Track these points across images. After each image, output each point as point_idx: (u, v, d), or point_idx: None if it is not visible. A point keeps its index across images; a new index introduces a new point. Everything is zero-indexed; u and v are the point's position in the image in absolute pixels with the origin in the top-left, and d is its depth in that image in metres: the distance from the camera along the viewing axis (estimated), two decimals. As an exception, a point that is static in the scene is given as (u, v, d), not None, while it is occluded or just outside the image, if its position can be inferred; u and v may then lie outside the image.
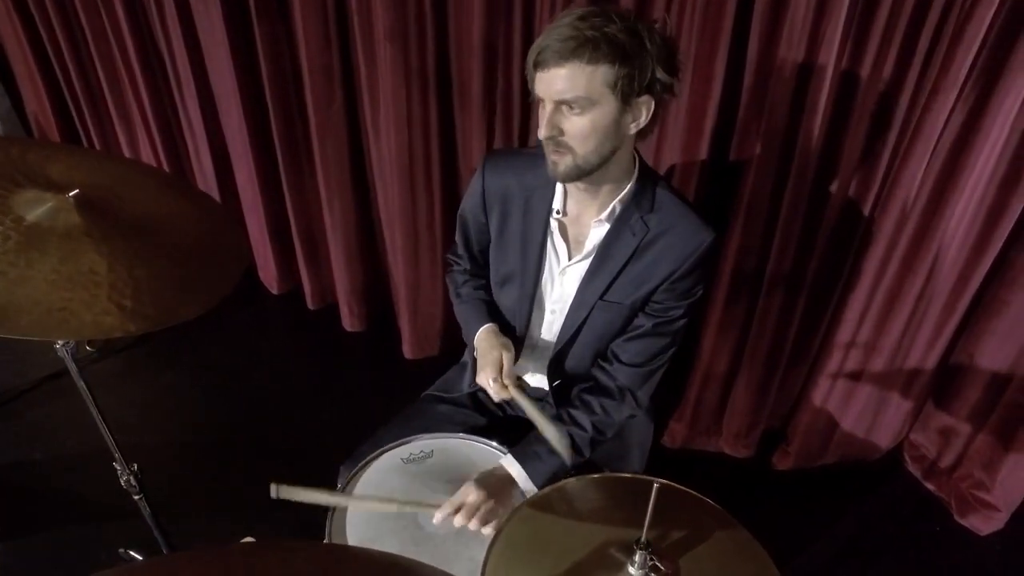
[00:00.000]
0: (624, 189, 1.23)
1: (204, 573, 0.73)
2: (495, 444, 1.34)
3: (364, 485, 1.26)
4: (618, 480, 1.07)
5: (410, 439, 1.34)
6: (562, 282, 1.33)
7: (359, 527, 1.18)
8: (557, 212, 1.27)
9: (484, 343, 1.34)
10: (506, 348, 1.30)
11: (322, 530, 1.18)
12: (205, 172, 2.60)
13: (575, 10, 1.07)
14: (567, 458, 1.22)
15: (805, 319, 1.91)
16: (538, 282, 1.33)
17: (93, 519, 1.92)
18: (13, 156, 1.12)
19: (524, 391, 1.30)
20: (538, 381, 1.49)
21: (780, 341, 1.94)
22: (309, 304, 2.69)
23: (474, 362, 1.39)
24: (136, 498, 1.46)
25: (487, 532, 1.15)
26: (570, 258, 1.30)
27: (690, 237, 1.23)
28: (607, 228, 1.25)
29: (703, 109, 1.63)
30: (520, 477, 1.25)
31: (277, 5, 2.03)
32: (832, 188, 1.67)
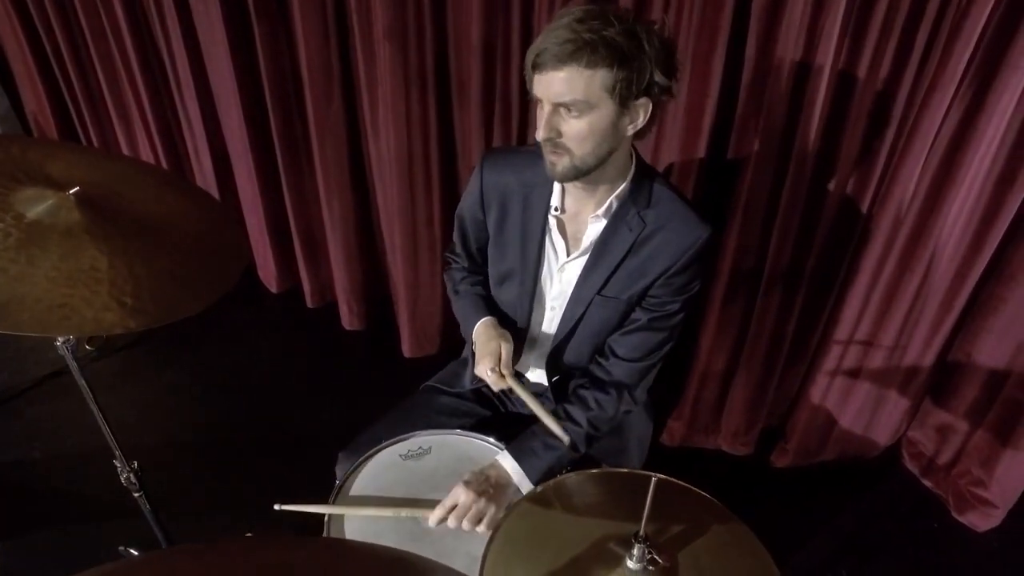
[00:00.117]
0: (621, 185, 1.24)
1: (205, 567, 0.73)
2: (492, 440, 1.35)
3: (363, 480, 1.26)
4: (616, 475, 1.07)
5: (408, 435, 1.35)
6: (561, 278, 1.33)
7: (358, 523, 1.18)
8: (555, 209, 1.28)
9: (483, 335, 1.34)
10: (504, 339, 1.31)
11: (321, 527, 1.18)
12: (204, 171, 2.60)
13: (574, 10, 1.06)
14: (566, 444, 1.22)
15: (803, 317, 1.91)
16: (537, 279, 1.34)
17: (93, 518, 1.92)
18: (14, 154, 1.12)
19: (522, 382, 1.31)
20: (537, 376, 1.49)
21: (778, 339, 1.94)
22: (308, 303, 2.69)
23: (474, 357, 1.40)
24: (136, 495, 1.46)
25: (481, 531, 1.16)
26: (568, 254, 1.31)
27: (687, 233, 1.23)
28: (604, 224, 1.25)
29: (701, 107, 1.64)
30: (516, 474, 1.25)
31: (276, 5, 2.04)
32: (830, 186, 1.67)
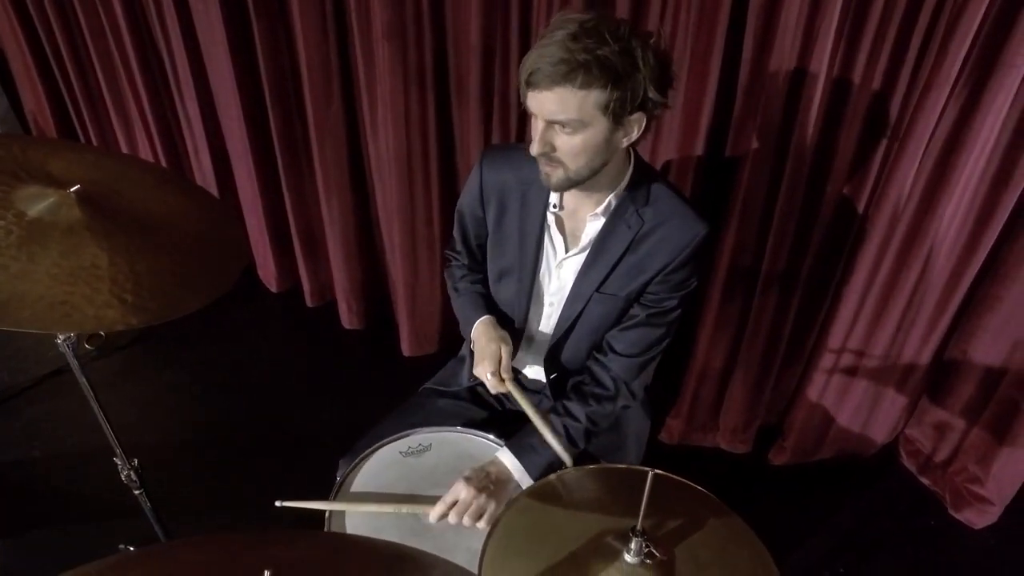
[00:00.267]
0: (620, 184, 1.24)
1: (209, 560, 0.74)
2: (492, 437, 1.35)
3: (363, 477, 1.27)
4: (614, 471, 1.08)
5: (408, 432, 1.35)
6: (559, 275, 1.34)
7: (359, 520, 1.19)
8: (554, 206, 1.28)
9: (482, 336, 1.35)
10: (504, 341, 1.32)
11: (322, 524, 1.19)
12: (204, 171, 2.61)
13: (568, 24, 1.04)
14: (562, 453, 1.22)
15: (800, 316, 1.92)
16: (536, 275, 1.35)
17: (93, 517, 1.92)
18: (14, 152, 1.13)
19: (521, 386, 1.31)
20: (536, 373, 1.50)
21: (775, 337, 1.95)
22: (308, 302, 2.69)
23: (472, 355, 1.40)
24: (136, 493, 1.47)
25: (481, 527, 1.17)
26: (567, 251, 1.31)
27: (685, 229, 1.24)
28: (603, 222, 1.26)
29: (698, 106, 1.64)
30: (516, 470, 1.26)
31: (276, 4, 2.04)
32: (826, 185, 1.68)
